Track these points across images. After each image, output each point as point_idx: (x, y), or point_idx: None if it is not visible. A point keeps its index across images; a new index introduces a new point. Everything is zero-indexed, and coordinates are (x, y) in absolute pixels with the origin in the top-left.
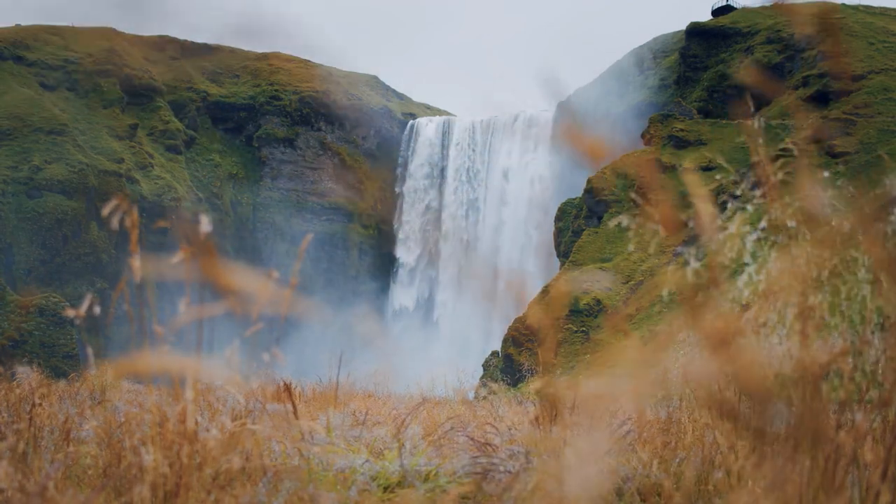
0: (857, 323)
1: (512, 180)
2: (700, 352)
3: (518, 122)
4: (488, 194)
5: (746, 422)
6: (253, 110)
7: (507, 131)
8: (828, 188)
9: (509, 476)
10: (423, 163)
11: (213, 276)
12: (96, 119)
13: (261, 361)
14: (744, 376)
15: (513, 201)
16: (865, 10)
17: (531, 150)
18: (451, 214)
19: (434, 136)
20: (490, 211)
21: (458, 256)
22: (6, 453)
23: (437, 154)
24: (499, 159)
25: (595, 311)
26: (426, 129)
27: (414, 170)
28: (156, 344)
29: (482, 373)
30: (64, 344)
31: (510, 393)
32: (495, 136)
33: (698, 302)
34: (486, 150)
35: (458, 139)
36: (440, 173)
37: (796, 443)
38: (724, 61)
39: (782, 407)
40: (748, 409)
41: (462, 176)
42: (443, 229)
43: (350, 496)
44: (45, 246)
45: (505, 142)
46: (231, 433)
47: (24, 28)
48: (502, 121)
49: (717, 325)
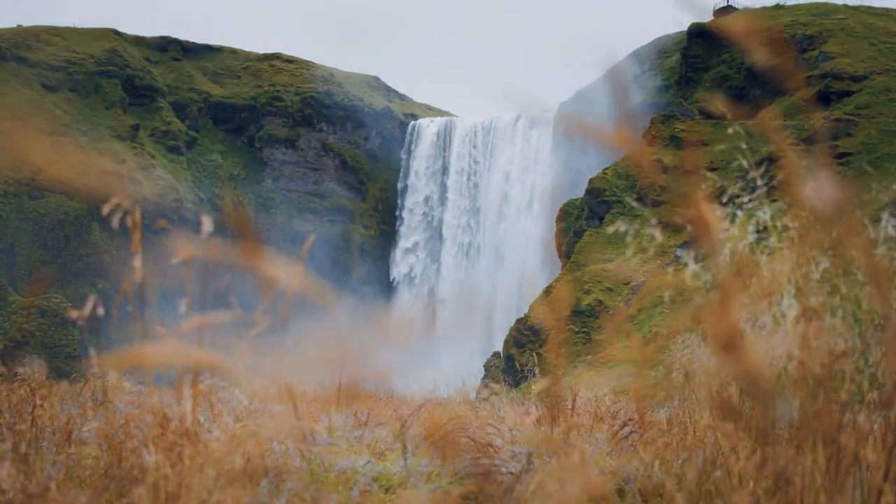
0: (856, 324)
1: (513, 181)
2: (706, 352)
3: (519, 123)
4: (490, 195)
5: (748, 422)
6: (254, 111)
7: (509, 132)
8: (838, 187)
9: (511, 477)
10: (425, 164)
11: (253, 261)
12: (98, 120)
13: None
14: (749, 377)
15: (514, 202)
16: (867, 11)
17: (533, 150)
18: (452, 215)
19: (435, 137)
20: (492, 211)
21: (459, 256)
22: (8, 454)
23: (438, 155)
24: (500, 160)
25: (597, 312)
26: (427, 129)
27: (416, 171)
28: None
29: (484, 374)
30: (66, 345)
31: (512, 393)
32: (497, 137)
33: (699, 304)
34: (488, 150)
35: (460, 140)
36: (442, 174)
37: (799, 443)
38: (725, 62)
39: (786, 407)
40: (750, 409)
41: (464, 176)
42: (444, 230)
43: (352, 497)
44: (47, 247)
45: (506, 142)
46: (233, 434)
47: (26, 29)
48: (504, 121)
49: (721, 326)
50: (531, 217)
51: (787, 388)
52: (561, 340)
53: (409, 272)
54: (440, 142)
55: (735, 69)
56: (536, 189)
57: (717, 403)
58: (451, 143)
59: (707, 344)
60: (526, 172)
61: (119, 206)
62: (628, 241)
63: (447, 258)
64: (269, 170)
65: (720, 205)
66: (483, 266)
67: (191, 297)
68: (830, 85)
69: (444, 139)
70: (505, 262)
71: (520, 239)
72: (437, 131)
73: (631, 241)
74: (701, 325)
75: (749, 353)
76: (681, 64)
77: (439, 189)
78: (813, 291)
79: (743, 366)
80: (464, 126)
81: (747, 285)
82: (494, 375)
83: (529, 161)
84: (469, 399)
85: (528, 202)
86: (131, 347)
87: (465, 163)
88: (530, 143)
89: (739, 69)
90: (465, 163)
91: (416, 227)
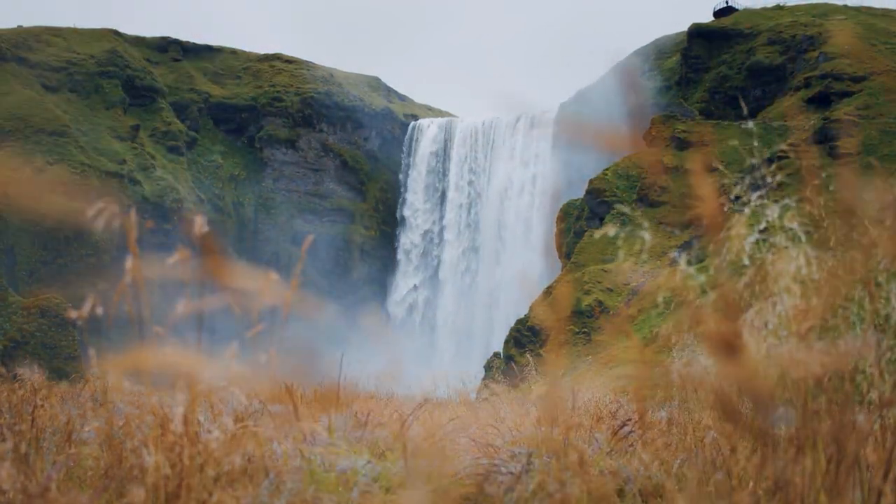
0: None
1: (514, 181)
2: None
3: (520, 123)
4: (490, 195)
5: (748, 423)
6: (255, 111)
7: (509, 132)
8: (865, 188)
9: (511, 477)
10: (425, 164)
11: (215, 274)
12: (98, 120)
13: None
14: (750, 378)
15: (515, 202)
16: (867, 12)
17: (533, 151)
18: (453, 215)
19: (436, 138)
20: (492, 212)
21: (460, 257)
22: (8, 454)
23: (439, 155)
24: (501, 160)
25: (597, 313)
26: (428, 130)
27: (416, 171)
28: (157, 342)
29: (484, 374)
30: (66, 345)
31: (512, 394)
32: (497, 137)
33: (700, 304)
34: (489, 151)
35: (460, 140)
36: (442, 174)
37: (800, 444)
38: (725, 62)
39: (786, 411)
40: (749, 410)
41: (464, 176)
42: (445, 230)
43: (352, 498)
44: (47, 247)
45: (507, 143)
46: (233, 434)
47: (27, 29)
48: (504, 122)
49: (720, 328)
50: (531, 218)
51: (789, 389)
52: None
53: (410, 271)
54: (440, 142)
55: (735, 70)
56: (537, 189)
57: (717, 404)
58: (452, 144)
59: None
60: (526, 173)
61: (105, 210)
62: (620, 245)
63: (448, 258)
64: (270, 170)
65: (721, 205)
66: (483, 266)
67: (190, 296)
68: (830, 85)
69: (445, 139)
70: (505, 263)
71: (520, 239)
72: (437, 132)
73: (622, 245)
74: (701, 326)
75: (749, 356)
76: (681, 64)
77: (440, 189)
78: (816, 291)
79: (744, 370)
80: (464, 127)
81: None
82: (494, 376)
83: (530, 161)
84: (469, 399)
85: (528, 203)
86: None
87: (465, 163)
88: (530, 143)
89: (740, 70)
90: (465, 163)
91: (417, 227)
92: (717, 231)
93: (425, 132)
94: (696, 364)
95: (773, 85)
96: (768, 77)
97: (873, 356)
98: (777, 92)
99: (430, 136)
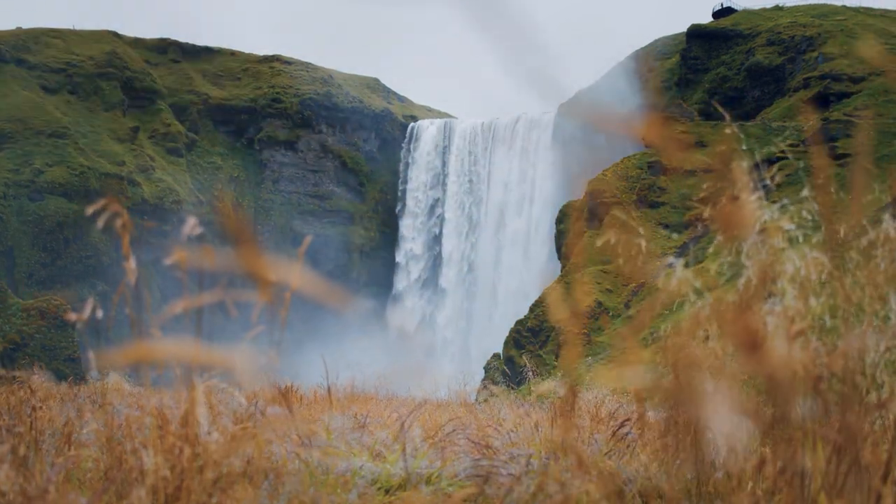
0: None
1: (513, 182)
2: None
3: (519, 124)
4: (490, 196)
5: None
6: (254, 113)
7: (509, 133)
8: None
9: (511, 479)
10: (425, 165)
11: (251, 266)
12: (97, 122)
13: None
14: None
15: (514, 203)
16: (866, 13)
17: (532, 151)
18: (452, 215)
19: (435, 139)
20: (492, 212)
21: (459, 257)
22: (7, 456)
23: (438, 156)
24: (500, 161)
25: (596, 314)
26: (427, 131)
27: (415, 172)
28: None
29: (483, 375)
30: (65, 347)
31: (511, 395)
32: (496, 138)
33: (710, 303)
34: (488, 151)
35: (460, 141)
36: (442, 175)
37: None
38: (724, 63)
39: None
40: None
41: (463, 177)
42: (444, 230)
43: (351, 499)
44: (47, 249)
45: (506, 144)
46: (232, 436)
47: (26, 31)
48: (503, 123)
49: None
50: (531, 218)
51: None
52: (560, 342)
53: (410, 272)
54: (440, 143)
55: (734, 70)
56: (536, 190)
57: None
58: (451, 145)
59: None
60: (525, 173)
61: (105, 209)
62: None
63: (448, 258)
64: (269, 172)
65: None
66: (483, 266)
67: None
68: (829, 86)
69: (444, 140)
70: (505, 264)
71: (519, 240)
72: (436, 133)
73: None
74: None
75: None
76: (680, 65)
77: (439, 189)
78: (814, 292)
79: (767, 367)
80: (463, 127)
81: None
82: (494, 377)
83: (529, 162)
84: (469, 401)
85: (528, 203)
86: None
87: (465, 163)
88: (530, 144)
89: (739, 70)
90: (465, 163)
91: (417, 227)
92: (714, 233)
93: (425, 133)
94: (707, 362)
95: (773, 86)
96: (767, 78)
97: (873, 356)
98: (776, 93)
99: (429, 137)
